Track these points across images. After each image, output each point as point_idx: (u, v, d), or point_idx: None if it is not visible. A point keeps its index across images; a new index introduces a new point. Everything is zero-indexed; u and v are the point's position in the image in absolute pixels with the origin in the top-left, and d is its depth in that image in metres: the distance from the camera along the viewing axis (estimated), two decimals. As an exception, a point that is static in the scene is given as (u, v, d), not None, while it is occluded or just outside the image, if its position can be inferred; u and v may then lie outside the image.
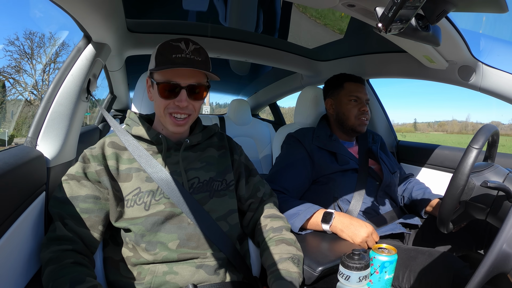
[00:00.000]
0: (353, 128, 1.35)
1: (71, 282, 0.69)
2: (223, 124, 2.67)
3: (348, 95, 1.36)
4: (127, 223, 0.82)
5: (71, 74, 0.96)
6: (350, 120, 1.35)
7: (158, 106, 0.87)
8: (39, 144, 0.90)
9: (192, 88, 0.85)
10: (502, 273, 0.59)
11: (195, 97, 0.86)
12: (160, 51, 0.84)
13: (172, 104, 0.85)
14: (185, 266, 0.81)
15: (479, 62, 1.21)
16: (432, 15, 0.65)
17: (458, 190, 0.76)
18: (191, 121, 0.90)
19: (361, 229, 1.01)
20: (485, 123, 1.04)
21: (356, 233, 1.00)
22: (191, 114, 0.88)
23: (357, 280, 0.65)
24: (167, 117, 0.86)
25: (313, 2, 0.84)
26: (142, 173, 0.86)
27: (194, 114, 0.89)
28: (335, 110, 1.40)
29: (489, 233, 1.15)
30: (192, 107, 0.87)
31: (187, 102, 0.84)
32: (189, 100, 0.85)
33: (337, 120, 1.39)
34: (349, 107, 1.35)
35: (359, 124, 1.34)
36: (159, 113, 0.89)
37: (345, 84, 1.39)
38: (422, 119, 42.66)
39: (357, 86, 1.37)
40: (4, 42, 4.78)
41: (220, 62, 2.10)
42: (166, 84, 0.84)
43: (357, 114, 1.34)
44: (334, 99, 1.41)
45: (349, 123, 1.35)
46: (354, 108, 1.34)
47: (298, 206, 1.10)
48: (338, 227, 1.04)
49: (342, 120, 1.37)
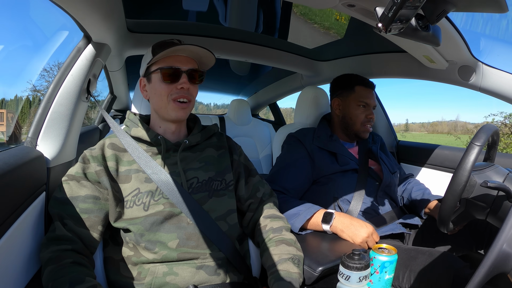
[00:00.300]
0: (357, 133, 1.35)
1: (70, 282, 0.69)
2: (223, 124, 2.67)
3: (358, 99, 1.34)
4: (126, 223, 0.82)
5: (71, 74, 0.96)
6: (356, 126, 1.34)
7: (159, 96, 0.89)
8: (39, 144, 0.90)
9: (191, 72, 0.90)
10: (502, 273, 0.59)
11: (194, 82, 0.91)
12: (157, 45, 0.90)
13: (174, 89, 0.88)
14: (185, 267, 0.81)
15: (479, 62, 1.21)
16: (432, 15, 0.65)
17: (460, 187, 0.76)
18: (191, 107, 0.93)
19: (361, 229, 1.00)
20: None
21: (356, 233, 1.00)
22: (191, 100, 0.92)
23: (357, 280, 0.65)
24: (170, 103, 0.89)
25: (313, 2, 0.84)
26: (141, 174, 0.86)
27: (192, 101, 0.93)
28: (342, 111, 1.38)
29: (489, 233, 1.15)
30: (191, 91, 0.91)
31: (188, 84, 0.89)
32: (190, 84, 0.89)
33: (343, 122, 1.38)
34: (358, 113, 1.33)
35: (363, 131, 1.34)
36: (160, 104, 0.90)
37: (356, 87, 1.36)
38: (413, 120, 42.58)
39: (367, 92, 1.35)
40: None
41: (220, 62, 2.10)
42: (168, 69, 0.88)
43: (364, 121, 1.33)
44: (342, 100, 1.38)
45: (354, 128, 1.35)
46: (362, 114, 1.33)
47: (298, 206, 1.10)
48: (338, 227, 1.04)
49: (348, 124, 1.36)
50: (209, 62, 0.94)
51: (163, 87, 0.89)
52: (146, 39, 1.49)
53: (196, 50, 0.88)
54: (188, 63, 0.90)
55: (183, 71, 0.88)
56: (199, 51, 0.89)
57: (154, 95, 0.91)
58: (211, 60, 0.93)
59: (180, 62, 0.89)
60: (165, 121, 0.93)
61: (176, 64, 0.88)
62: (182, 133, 0.98)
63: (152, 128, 0.95)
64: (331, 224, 1.04)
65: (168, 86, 0.88)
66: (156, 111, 0.93)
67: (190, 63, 0.91)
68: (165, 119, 0.93)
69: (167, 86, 0.88)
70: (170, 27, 1.55)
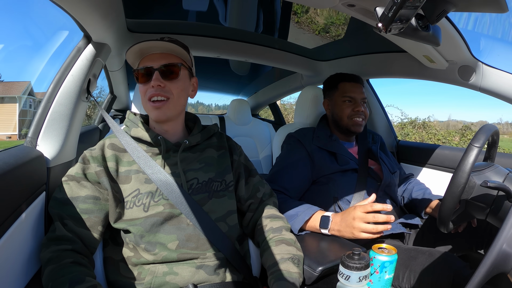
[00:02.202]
0: (347, 128, 1.35)
1: (70, 282, 0.69)
2: (223, 124, 2.67)
3: (342, 95, 1.36)
4: (126, 224, 0.82)
5: (71, 74, 0.96)
6: (344, 121, 1.34)
7: (141, 97, 0.90)
8: (39, 144, 0.90)
9: (165, 68, 0.87)
10: (502, 273, 0.59)
11: (170, 77, 0.88)
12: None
13: (149, 88, 0.87)
14: (185, 266, 0.81)
15: (479, 62, 1.21)
16: (432, 15, 0.65)
17: (459, 189, 0.76)
18: (171, 106, 0.88)
19: (352, 222, 0.95)
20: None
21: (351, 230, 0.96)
22: (169, 97, 0.87)
23: (357, 280, 0.65)
24: (147, 104, 0.88)
25: (313, 2, 0.84)
26: (141, 174, 0.86)
27: (172, 98, 0.88)
28: (331, 111, 1.40)
29: (489, 233, 1.15)
30: (169, 88, 0.87)
31: (160, 82, 0.86)
32: (163, 81, 0.87)
33: (333, 120, 1.40)
34: (343, 108, 1.34)
35: (352, 124, 1.34)
36: (143, 104, 0.91)
37: (339, 84, 1.38)
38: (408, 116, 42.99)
39: (351, 86, 1.36)
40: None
41: (220, 62, 2.10)
42: (140, 70, 0.88)
43: (350, 115, 1.33)
44: (330, 100, 1.42)
45: (343, 123, 1.35)
46: (348, 108, 1.34)
47: (297, 207, 1.09)
48: (335, 229, 1.01)
49: (337, 121, 1.37)
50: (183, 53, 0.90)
51: (140, 88, 0.90)
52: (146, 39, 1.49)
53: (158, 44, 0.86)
54: (162, 59, 0.88)
55: (155, 69, 0.87)
56: (165, 45, 0.87)
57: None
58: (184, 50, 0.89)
59: (152, 61, 0.88)
60: (155, 122, 0.93)
61: (147, 63, 0.88)
62: (181, 133, 0.98)
63: (151, 128, 0.95)
64: (329, 228, 1.02)
65: (143, 86, 0.88)
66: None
67: (165, 58, 0.88)
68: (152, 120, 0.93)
69: (142, 86, 0.89)
70: (170, 27, 1.55)
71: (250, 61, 1.89)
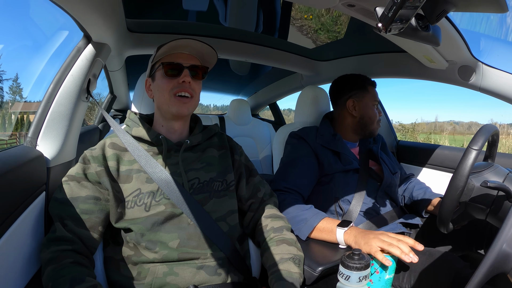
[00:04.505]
0: (372, 132, 1.36)
1: (70, 282, 0.69)
2: (223, 124, 2.67)
3: (373, 99, 1.36)
4: (127, 223, 0.82)
5: (71, 74, 0.96)
6: (373, 125, 1.36)
7: (162, 91, 0.90)
8: (39, 144, 0.90)
9: (193, 68, 0.91)
10: (502, 273, 0.59)
11: (196, 77, 0.92)
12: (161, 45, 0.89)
13: (176, 83, 0.89)
14: (185, 267, 0.81)
15: (479, 62, 1.21)
16: (432, 15, 0.65)
17: (458, 192, 0.76)
18: (193, 104, 0.93)
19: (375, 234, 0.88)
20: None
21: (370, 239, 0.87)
22: (193, 96, 0.91)
23: (357, 280, 0.65)
24: (172, 98, 0.89)
25: (313, 2, 0.84)
26: (142, 174, 0.86)
27: (195, 96, 0.93)
28: (359, 112, 1.35)
29: (489, 233, 1.15)
30: (194, 87, 0.91)
31: (190, 79, 0.89)
32: (191, 79, 0.90)
33: (360, 123, 1.35)
34: (374, 113, 1.36)
35: (377, 129, 1.38)
36: (162, 100, 0.90)
37: (369, 88, 1.37)
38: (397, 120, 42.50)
39: (376, 92, 1.39)
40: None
41: (220, 62, 2.10)
42: (170, 64, 0.89)
43: (377, 120, 1.37)
44: (357, 101, 1.36)
45: (372, 127, 1.36)
46: (377, 113, 1.37)
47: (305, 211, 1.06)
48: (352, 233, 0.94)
49: (367, 124, 1.35)
50: (211, 59, 0.95)
51: (165, 82, 0.89)
52: (146, 39, 1.49)
53: (198, 46, 0.89)
54: (190, 60, 0.92)
55: (185, 67, 0.89)
56: (201, 48, 0.90)
57: (157, 92, 0.91)
58: (213, 57, 0.94)
59: (182, 59, 0.90)
60: (168, 119, 0.93)
61: (178, 60, 0.90)
62: (184, 133, 0.98)
63: (154, 128, 0.95)
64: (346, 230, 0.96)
65: (170, 80, 0.89)
66: (159, 108, 0.93)
67: (192, 60, 0.92)
68: (167, 116, 0.93)
69: (168, 81, 0.89)
70: (170, 27, 1.55)
71: (250, 61, 1.89)
